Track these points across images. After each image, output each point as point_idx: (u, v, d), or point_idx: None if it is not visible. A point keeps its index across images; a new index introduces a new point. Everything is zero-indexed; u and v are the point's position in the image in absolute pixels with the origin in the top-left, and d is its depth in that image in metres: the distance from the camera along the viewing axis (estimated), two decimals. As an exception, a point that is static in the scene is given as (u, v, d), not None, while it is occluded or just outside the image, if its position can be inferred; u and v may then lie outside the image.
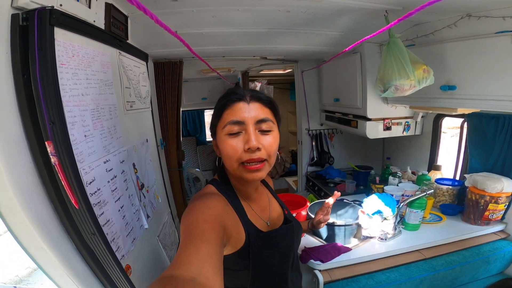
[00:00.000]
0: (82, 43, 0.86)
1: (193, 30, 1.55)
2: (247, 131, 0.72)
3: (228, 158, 0.73)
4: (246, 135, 0.72)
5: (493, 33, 1.24)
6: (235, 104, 0.74)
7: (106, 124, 0.92)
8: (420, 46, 1.61)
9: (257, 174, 0.73)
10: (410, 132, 2.10)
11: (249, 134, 0.71)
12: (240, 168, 0.73)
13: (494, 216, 1.53)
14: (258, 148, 0.71)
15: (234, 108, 0.73)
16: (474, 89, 1.37)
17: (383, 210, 1.45)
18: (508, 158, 1.52)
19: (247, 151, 0.71)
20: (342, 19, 1.46)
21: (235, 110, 0.73)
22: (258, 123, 0.73)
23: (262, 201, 0.92)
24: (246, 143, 0.71)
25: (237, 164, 0.73)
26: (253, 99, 0.75)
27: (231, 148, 0.72)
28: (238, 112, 0.73)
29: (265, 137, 0.74)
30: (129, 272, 0.95)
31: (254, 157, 0.71)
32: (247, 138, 0.71)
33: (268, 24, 1.53)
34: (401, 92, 1.42)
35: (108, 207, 0.87)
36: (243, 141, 0.72)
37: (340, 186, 2.34)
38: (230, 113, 0.73)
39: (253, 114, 0.73)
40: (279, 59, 2.63)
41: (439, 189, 1.80)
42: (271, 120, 0.76)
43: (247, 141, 0.71)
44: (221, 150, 0.75)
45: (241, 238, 0.75)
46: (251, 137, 0.71)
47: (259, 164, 0.73)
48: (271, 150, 0.75)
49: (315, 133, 2.83)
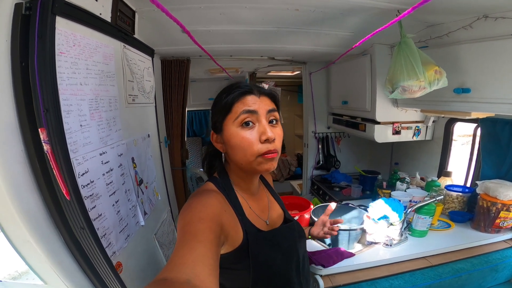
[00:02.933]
0: (85, 33, 0.86)
1: (200, 27, 1.54)
2: (261, 122, 0.72)
3: (242, 151, 0.72)
4: (260, 126, 0.72)
5: (509, 35, 1.18)
6: (246, 96, 0.73)
7: (104, 115, 0.91)
8: (433, 48, 1.55)
9: (273, 163, 0.74)
10: (420, 137, 2.04)
11: (263, 126, 0.72)
12: (258, 160, 0.72)
13: (505, 224, 1.47)
14: (274, 139, 0.72)
15: (246, 100, 0.73)
16: (489, 92, 1.31)
17: (390, 216, 1.41)
18: (523, 165, 1.45)
19: (264, 142, 0.71)
20: (352, 19, 1.43)
21: (247, 102, 0.72)
22: (269, 113, 0.74)
23: (262, 200, 0.90)
24: (262, 134, 0.71)
25: (254, 157, 0.72)
26: (261, 93, 0.76)
27: (246, 140, 0.71)
28: (249, 103, 0.72)
29: (275, 128, 0.75)
30: (120, 270, 0.93)
31: (271, 148, 0.72)
32: (263, 130, 0.71)
33: (277, 23, 1.51)
34: (410, 94, 1.37)
35: (101, 201, 0.85)
36: (258, 133, 0.71)
37: (346, 191, 2.28)
38: (241, 104, 0.72)
39: (263, 105, 0.73)
40: (287, 60, 2.60)
41: (449, 196, 1.73)
42: (277, 111, 0.77)
43: (263, 132, 0.71)
44: (233, 143, 0.73)
45: (239, 236, 0.73)
46: (267, 127, 0.71)
47: (274, 153, 0.73)
48: (280, 141, 0.76)
49: (322, 136, 2.78)
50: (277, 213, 0.92)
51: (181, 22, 1.00)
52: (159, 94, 2.05)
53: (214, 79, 3.80)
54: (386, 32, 1.28)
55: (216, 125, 0.77)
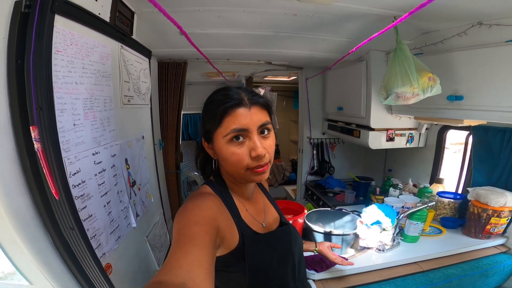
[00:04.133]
0: (82, 32, 0.86)
1: (198, 30, 1.54)
2: (252, 138, 0.70)
3: (232, 165, 0.72)
4: (251, 142, 0.70)
5: (503, 42, 1.21)
6: (236, 110, 0.70)
7: (99, 115, 0.90)
8: (428, 55, 1.58)
9: (264, 175, 0.73)
10: (413, 144, 2.06)
11: (254, 142, 0.70)
12: (248, 173, 0.72)
13: (495, 230, 1.49)
14: (264, 154, 0.71)
15: (236, 115, 0.70)
16: (482, 100, 1.34)
17: (382, 221, 1.42)
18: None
19: (254, 158, 0.70)
20: (350, 25, 1.45)
21: (237, 117, 0.70)
22: (260, 128, 0.72)
23: (258, 203, 0.90)
24: (252, 150, 0.69)
25: (243, 170, 0.71)
26: (253, 104, 0.72)
27: (236, 156, 0.70)
28: (240, 119, 0.70)
29: (266, 140, 0.73)
30: (110, 272, 0.92)
31: (261, 163, 0.71)
32: (253, 146, 0.70)
33: (275, 27, 1.53)
34: (403, 100, 1.39)
35: (92, 201, 0.84)
36: (248, 149, 0.70)
37: (340, 196, 2.29)
38: (231, 120, 0.69)
39: (255, 119, 0.71)
40: (284, 65, 2.62)
41: (441, 202, 1.75)
42: (270, 122, 0.75)
43: (253, 148, 0.69)
44: (223, 156, 0.72)
45: (235, 239, 0.72)
46: (257, 143, 0.70)
47: (265, 167, 0.72)
48: (272, 151, 0.75)
49: (317, 142, 2.79)
50: (273, 216, 0.92)
51: (179, 24, 1.00)
52: (155, 96, 2.04)
53: (211, 83, 3.80)
54: (382, 39, 1.29)
55: (207, 135, 0.76)
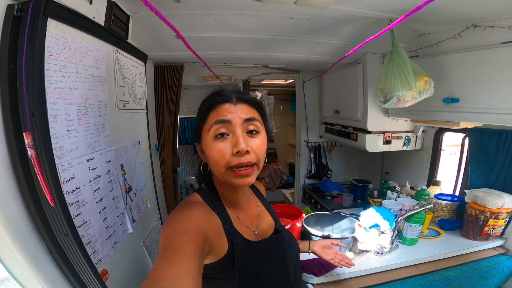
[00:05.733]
0: (76, 36, 0.85)
1: (195, 34, 1.54)
2: (235, 133, 0.69)
3: (215, 163, 0.70)
4: (234, 138, 0.69)
5: (498, 44, 1.22)
6: (221, 105, 0.71)
7: (93, 120, 0.89)
8: (424, 57, 1.59)
9: (247, 179, 0.70)
10: (410, 146, 2.07)
11: (237, 137, 0.68)
12: (229, 173, 0.70)
13: (493, 232, 1.49)
14: (247, 151, 0.68)
15: (220, 109, 0.70)
16: (478, 102, 1.35)
17: (381, 224, 1.41)
18: (510, 174, 1.48)
19: (236, 155, 0.68)
20: (346, 28, 1.45)
21: (221, 111, 0.70)
22: (245, 123, 0.70)
23: (251, 209, 0.87)
24: (234, 146, 0.68)
25: (224, 169, 0.69)
26: (240, 100, 0.73)
27: (218, 152, 0.68)
28: (224, 112, 0.70)
29: (254, 139, 0.71)
30: (106, 278, 0.90)
31: (243, 161, 0.68)
32: (235, 141, 0.68)
33: (271, 31, 1.53)
34: (402, 104, 1.39)
35: (87, 208, 0.83)
36: (231, 145, 0.68)
37: (337, 200, 2.29)
38: (215, 114, 0.70)
39: (239, 113, 0.70)
40: (281, 68, 2.62)
41: (438, 204, 1.75)
42: (258, 120, 0.73)
43: (235, 144, 0.68)
44: (208, 155, 0.71)
45: (224, 247, 0.71)
46: (240, 139, 0.68)
47: (248, 169, 0.69)
48: (260, 153, 0.72)
49: (314, 145, 2.79)
50: (268, 223, 0.90)
51: (175, 28, 0.99)
52: (151, 100, 2.03)
53: (208, 87, 3.81)
54: (378, 42, 1.28)
55: (196, 134, 0.77)
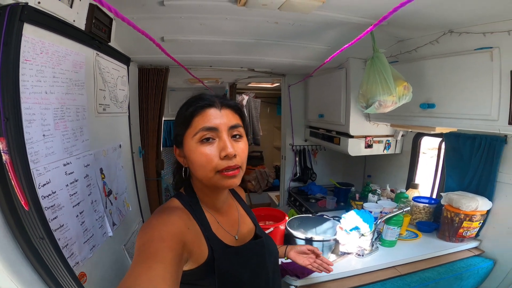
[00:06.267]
0: (53, 40, 0.84)
1: (180, 37, 1.54)
2: (222, 138, 0.70)
3: (201, 167, 0.70)
4: (220, 142, 0.70)
5: (472, 50, 1.27)
6: (206, 110, 0.71)
7: (70, 125, 0.88)
8: (403, 63, 1.65)
9: (234, 180, 0.72)
10: (390, 150, 2.13)
11: (224, 141, 0.69)
12: (217, 176, 0.70)
13: (468, 234, 1.55)
14: (235, 155, 0.70)
15: (206, 114, 0.70)
16: (452, 108, 1.41)
17: (361, 227, 1.44)
18: (483, 178, 1.55)
19: (224, 158, 0.69)
20: (329, 33, 1.48)
21: (207, 116, 0.70)
22: (231, 129, 0.72)
23: (231, 214, 0.88)
24: (222, 150, 0.69)
25: (212, 173, 0.70)
26: (224, 106, 0.74)
27: (205, 156, 0.69)
28: (210, 118, 0.70)
29: (238, 143, 0.73)
30: (84, 280, 0.90)
31: (231, 164, 0.69)
32: (223, 145, 0.69)
33: (256, 35, 1.54)
34: (383, 109, 1.44)
35: (63, 212, 0.82)
36: (218, 149, 0.69)
37: (321, 202, 2.32)
38: (201, 119, 0.70)
39: (225, 120, 0.71)
40: (267, 72, 2.65)
41: (416, 207, 1.81)
42: (241, 125, 0.75)
43: (223, 148, 0.69)
44: (193, 159, 0.71)
45: (204, 253, 0.71)
46: (227, 143, 0.69)
47: (235, 170, 0.71)
48: (244, 156, 0.74)
49: (299, 149, 2.83)
50: (248, 227, 0.91)
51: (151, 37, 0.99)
52: (135, 103, 2.01)
53: (194, 89, 3.80)
54: (360, 47, 1.34)
55: (177, 139, 0.75)
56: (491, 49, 1.19)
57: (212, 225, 0.77)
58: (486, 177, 1.53)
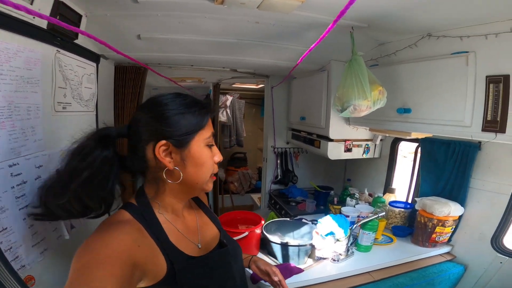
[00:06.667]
0: (4, 38, 0.78)
1: (158, 35, 1.50)
2: (214, 144, 0.77)
3: (205, 169, 0.73)
4: (214, 148, 0.76)
5: (449, 54, 1.26)
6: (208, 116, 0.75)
7: (19, 124, 0.82)
8: (383, 66, 1.64)
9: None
10: (369, 155, 2.13)
11: (216, 147, 0.77)
12: (210, 179, 0.76)
13: (440, 239, 1.56)
14: None
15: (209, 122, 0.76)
16: (426, 113, 1.41)
17: (336, 232, 1.44)
18: (457, 183, 1.56)
19: (216, 163, 0.77)
20: (310, 34, 1.46)
21: (209, 123, 0.75)
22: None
23: (194, 221, 0.84)
24: (217, 156, 0.76)
25: (209, 176, 0.75)
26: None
27: (211, 160, 0.74)
28: (210, 125, 0.75)
29: None
30: (32, 283, 0.87)
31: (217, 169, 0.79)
32: (216, 151, 0.77)
33: (237, 35, 1.51)
34: (358, 113, 1.42)
35: (7, 215, 0.77)
36: (213, 154, 0.75)
37: (301, 205, 2.31)
38: (209, 123, 0.75)
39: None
40: (250, 73, 2.61)
41: (392, 211, 1.81)
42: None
43: (216, 154, 0.76)
44: (201, 162, 0.72)
45: (161, 268, 0.65)
46: (217, 149, 0.78)
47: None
48: None
49: (281, 151, 2.80)
50: (212, 234, 0.87)
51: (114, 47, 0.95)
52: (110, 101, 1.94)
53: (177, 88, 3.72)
54: (343, 49, 1.36)
55: (181, 139, 0.68)
56: (467, 53, 1.19)
57: (171, 235, 0.71)
58: (459, 183, 1.54)
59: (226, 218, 1.64)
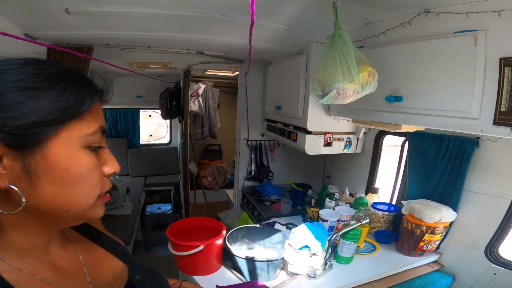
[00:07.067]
0: None
1: (92, 8, 1.20)
2: (104, 146, 0.47)
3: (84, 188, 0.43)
4: (104, 153, 0.47)
5: (451, 33, 1.04)
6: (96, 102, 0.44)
7: None
8: (369, 48, 1.39)
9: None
10: (351, 149, 1.91)
11: (108, 151, 0.47)
12: (97, 202, 0.46)
13: (429, 247, 1.39)
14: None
15: (97, 108, 0.45)
16: (422, 102, 1.17)
17: (312, 245, 1.23)
18: (449, 185, 1.38)
19: (107, 176, 0.47)
20: (286, 8, 1.24)
21: (98, 112, 0.45)
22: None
23: (71, 260, 0.52)
24: (106, 165, 0.46)
25: (95, 197, 0.45)
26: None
27: (96, 172, 0.44)
28: (101, 115, 0.46)
29: None
30: None
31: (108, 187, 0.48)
32: (108, 158, 0.47)
33: (196, 7, 1.24)
34: (342, 99, 1.15)
35: None
36: (100, 162, 0.45)
37: (276, 206, 2.06)
38: (95, 114, 0.44)
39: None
40: (220, 56, 2.30)
41: (375, 215, 1.62)
42: None
43: (108, 161, 0.47)
44: (73, 174, 0.41)
45: None
46: (112, 155, 0.47)
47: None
48: None
49: (255, 144, 2.53)
50: (113, 272, 0.57)
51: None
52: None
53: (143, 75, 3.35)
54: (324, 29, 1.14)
55: (21, 132, 0.36)
56: (475, 32, 0.96)
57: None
58: (452, 184, 1.36)
59: (180, 226, 1.40)
